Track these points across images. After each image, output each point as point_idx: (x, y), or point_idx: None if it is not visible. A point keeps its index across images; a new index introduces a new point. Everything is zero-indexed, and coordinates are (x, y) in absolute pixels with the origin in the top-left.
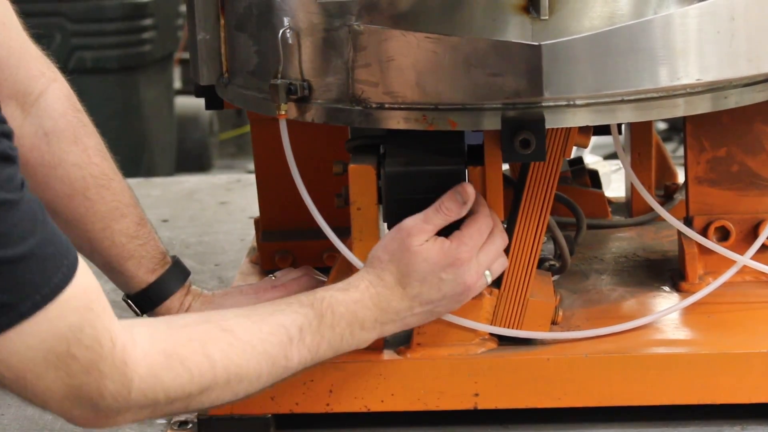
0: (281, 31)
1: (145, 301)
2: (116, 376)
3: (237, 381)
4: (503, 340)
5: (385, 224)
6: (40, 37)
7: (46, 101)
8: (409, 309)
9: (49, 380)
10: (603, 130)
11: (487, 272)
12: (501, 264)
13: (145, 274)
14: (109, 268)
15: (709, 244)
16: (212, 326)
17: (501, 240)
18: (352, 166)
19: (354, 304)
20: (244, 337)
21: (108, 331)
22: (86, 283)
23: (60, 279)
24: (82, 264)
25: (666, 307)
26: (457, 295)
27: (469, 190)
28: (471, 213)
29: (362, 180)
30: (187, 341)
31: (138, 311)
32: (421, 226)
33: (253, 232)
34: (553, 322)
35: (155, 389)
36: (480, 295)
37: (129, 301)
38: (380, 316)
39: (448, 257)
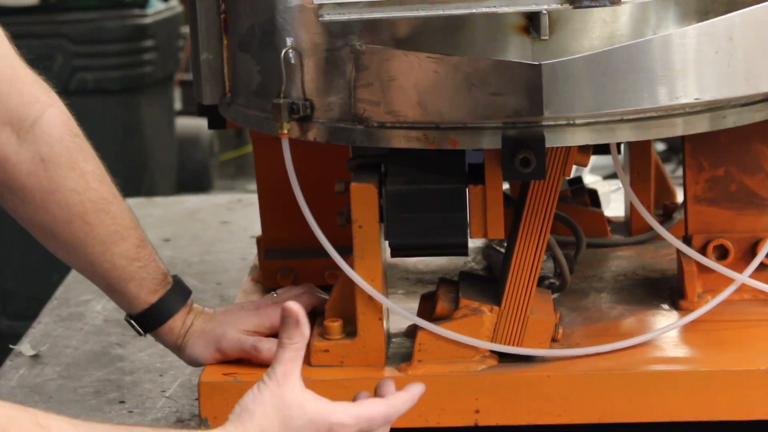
0: (284, 51)
1: (148, 321)
2: None
3: None
4: (504, 357)
5: (387, 242)
6: (42, 58)
7: (41, 127)
8: None
9: None
10: (602, 149)
11: None
12: None
13: (146, 296)
14: (110, 289)
15: (708, 262)
16: (26, 416)
17: (386, 429)
18: (353, 185)
19: None
20: None
21: None
22: None
23: None
24: None
25: (665, 325)
26: None
27: (291, 306)
28: (384, 396)
29: (364, 198)
30: None
31: (140, 331)
32: (283, 369)
33: (254, 251)
34: (553, 340)
35: None
36: (480, 313)
37: (131, 321)
38: None
39: (326, 419)
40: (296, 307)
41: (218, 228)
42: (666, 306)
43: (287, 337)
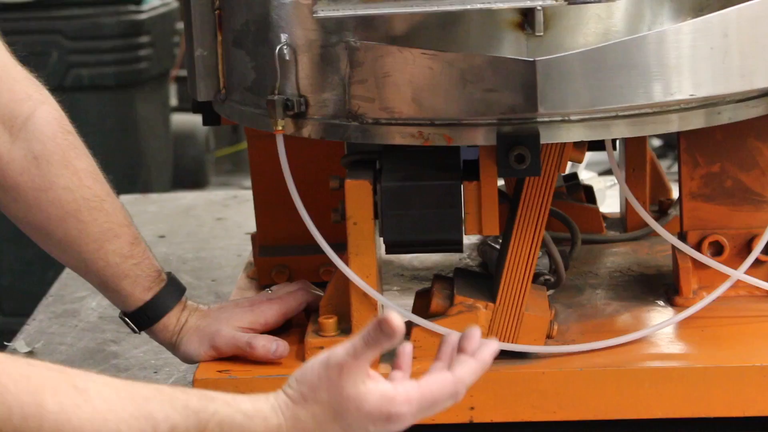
0: (278, 48)
1: (142, 318)
2: None
3: None
4: (499, 354)
5: (381, 239)
6: (37, 54)
7: (34, 124)
8: None
9: None
10: (598, 145)
11: None
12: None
13: (141, 293)
14: (104, 287)
15: (704, 258)
16: (63, 379)
17: (452, 403)
18: (348, 182)
19: None
20: (97, 405)
21: None
22: None
23: None
24: None
25: (660, 322)
26: None
27: (396, 322)
28: (443, 368)
29: (358, 195)
30: (20, 378)
31: (135, 329)
32: (351, 363)
33: (249, 248)
34: (548, 336)
35: None
36: (475, 309)
37: (126, 319)
38: None
39: (384, 410)
40: (399, 324)
41: (213, 224)
42: (661, 302)
43: (376, 341)
